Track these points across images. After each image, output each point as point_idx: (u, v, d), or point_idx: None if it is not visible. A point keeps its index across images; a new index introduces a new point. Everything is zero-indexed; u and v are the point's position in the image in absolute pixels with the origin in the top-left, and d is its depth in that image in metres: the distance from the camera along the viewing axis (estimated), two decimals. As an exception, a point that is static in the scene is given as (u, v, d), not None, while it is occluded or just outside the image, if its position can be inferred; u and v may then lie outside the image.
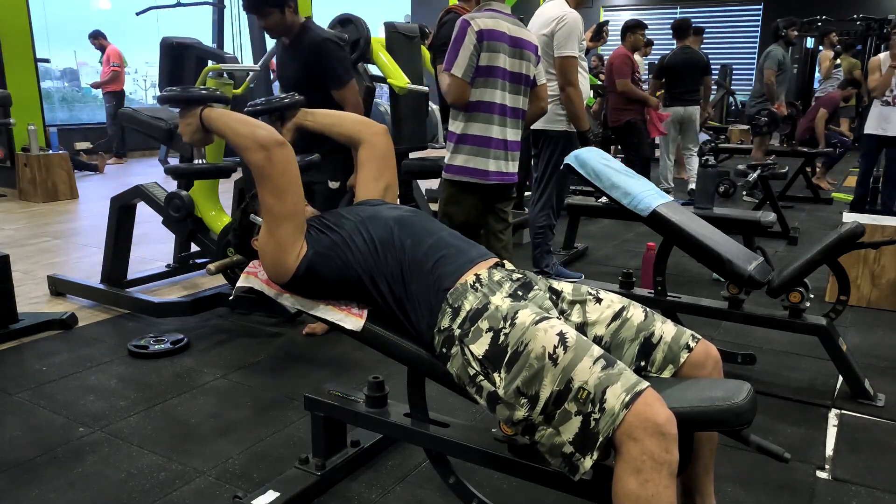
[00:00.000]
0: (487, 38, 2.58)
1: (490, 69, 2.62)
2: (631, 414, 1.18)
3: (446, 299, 1.45)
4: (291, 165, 1.56)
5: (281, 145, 1.54)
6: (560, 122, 3.54)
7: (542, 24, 3.47)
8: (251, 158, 1.53)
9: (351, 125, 1.93)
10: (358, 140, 1.90)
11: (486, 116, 2.67)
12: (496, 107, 2.68)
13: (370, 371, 2.57)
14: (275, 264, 1.57)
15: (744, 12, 14.03)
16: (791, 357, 2.86)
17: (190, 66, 3.35)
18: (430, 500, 1.88)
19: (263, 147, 1.52)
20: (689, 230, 2.50)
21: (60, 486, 1.94)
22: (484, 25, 2.58)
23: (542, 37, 3.44)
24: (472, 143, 2.69)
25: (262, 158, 1.52)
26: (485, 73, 2.62)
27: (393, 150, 1.92)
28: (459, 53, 2.57)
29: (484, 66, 2.61)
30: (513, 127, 2.76)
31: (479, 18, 2.59)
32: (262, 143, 1.52)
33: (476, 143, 2.69)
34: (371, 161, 1.88)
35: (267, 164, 1.52)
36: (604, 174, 2.65)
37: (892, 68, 4.92)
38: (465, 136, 2.70)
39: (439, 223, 1.69)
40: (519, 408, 1.30)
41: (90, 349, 2.94)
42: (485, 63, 2.60)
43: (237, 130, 1.58)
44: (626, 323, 1.50)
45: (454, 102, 2.66)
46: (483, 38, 2.57)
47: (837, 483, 1.96)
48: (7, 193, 6.75)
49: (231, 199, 3.79)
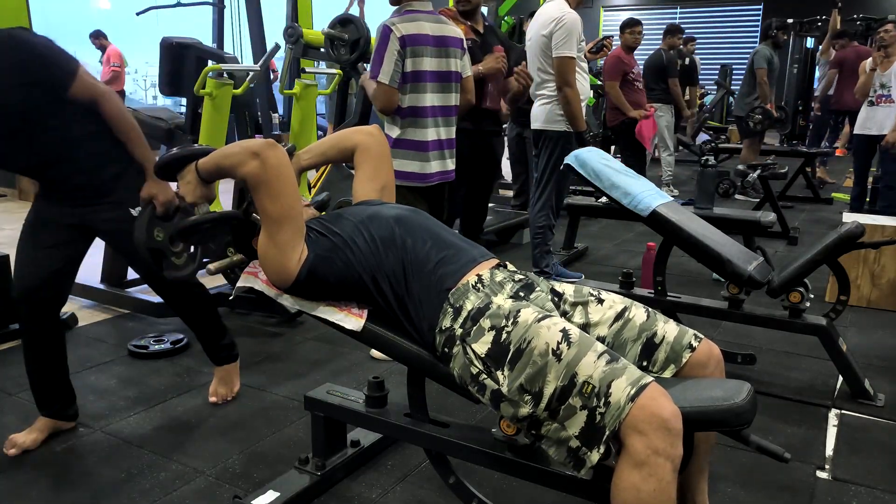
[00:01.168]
0: (410, 43, 2.56)
1: (416, 74, 2.60)
2: (636, 408, 1.18)
3: (448, 299, 1.45)
4: (285, 167, 1.55)
5: (272, 146, 1.53)
6: (559, 123, 3.54)
7: (542, 24, 3.48)
8: (246, 172, 1.51)
9: (347, 137, 1.90)
10: (354, 148, 1.88)
11: (419, 121, 2.67)
12: (427, 110, 2.67)
13: (370, 371, 2.57)
14: (277, 270, 1.56)
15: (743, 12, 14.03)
16: (791, 357, 2.86)
17: (190, 66, 3.35)
18: (430, 500, 1.88)
19: (255, 154, 1.50)
20: (689, 230, 2.50)
21: (61, 487, 1.94)
22: (406, 31, 2.55)
23: (541, 38, 3.46)
24: (410, 147, 2.68)
25: (257, 166, 1.50)
26: (412, 79, 2.60)
27: (388, 151, 1.91)
28: (384, 60, 2.55)
29: (410, 72, 2.59)
30: (446, 125, 2.76)
31: (400, 24, 2.55)
32: (253, 150, 1.51)
33: (414, 147, 2.68)
34: (365, 162, 1.87)
35: (261, 170, 1.50)
36: (604, 174, 2.65)
37: (872, 71, 5.12)
38: (401, 140, 2.68)
39: (439, 222, 1.68)
40: (523, 405, 1.30)
41: (90, 349, 2.94)
42: (410, 69, 2.59)
43: (226, 154, 1.57)
44: (628, 323, 1.49)
45: (383, 109, 2.65)
46: (406, 44, 2.55)
47: (837, 483, 1.96)
48: (7, 193, 6.76)
49: (231, 199, 3.79)
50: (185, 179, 1.65)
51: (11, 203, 6.48)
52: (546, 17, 3.48)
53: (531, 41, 3.60)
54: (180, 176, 1.66)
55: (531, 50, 3.59)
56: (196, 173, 1.62)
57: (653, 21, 12.25)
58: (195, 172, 1.62)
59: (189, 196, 1.65)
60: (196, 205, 1.69)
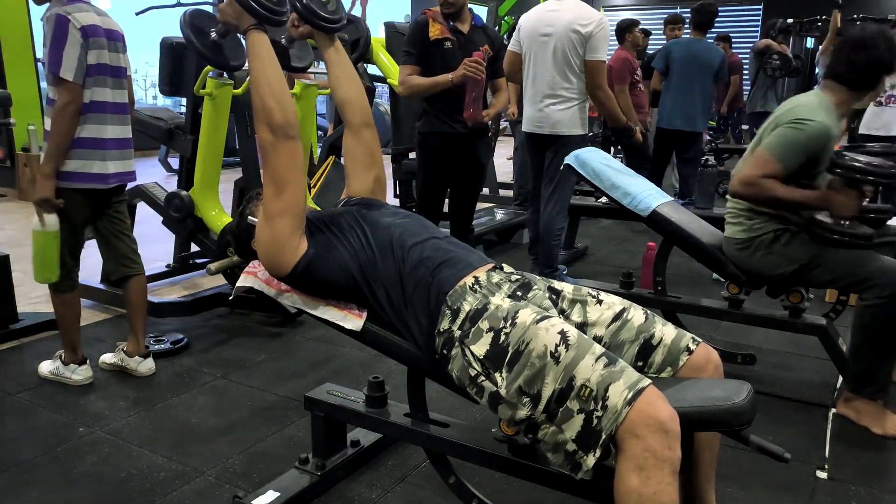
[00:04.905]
0: (92, 34, 2.37)
1: (99, 67, 2.42)
2: (634, 411, 1.18)
3: (445, 301, 1.45)
4: (296, 160, 1.54)
5: (290, 139, 1.52)
6: (582, 126, 3.39)
7: (578, 21, 3.21)
8: (259, 132, 1.52)
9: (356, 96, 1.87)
10: (351, 118, 1.86)
11: (99, 117, 2.46)
12: (108, 105, 2.49)
13: (370, 371, 2.57)
14: (269, 256, 1.55)
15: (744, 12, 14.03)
16: (791, 357, 2.86)
17: (190, 66, 3.35)
18: (430, 500, 1.88)
19: (273, 132, 1.50)
20: (690, 230, 2.50)
21: (60, 486, 1.94)
22: (85, 21, 2.36)
23: (576, 35, 3.19)
24: (87, 146, 2.44)
25: (269, 143, 1.51)
26: (95, 72, 2.41)
27: (378, 145, 1.92)
28: (65, 54, 2.31)
29: (94, 65, 2.40)
30: (122, 124, 2.56)
31: (75, 13, 2.34)
32: (273, 126, 1.50)
33: (92, 146, 2.45)
34: (363, 153, 1.87)
35: (271, 150, 1.51)
36: (604, 174, 2.65)
37: None
38: (77, 139, 2.42)
39: (436, 228, 1.68)
40: (521, 407, 1.30)
41: (90, 349, 2.93)
42: (94, 61, 2.39)
43: (263, 81, 1.51)
44: (626, 324, 1.49)
45: None
46: (87, 35, 2.36)
47: (837, 483, 1.96)
48: (7, 193, 6.75)
49: (231, 200, 3.79)
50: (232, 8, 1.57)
51: (11, 203, 6.48)
52: (583, 14, 3.23)
53: (554, 35, 3.25)
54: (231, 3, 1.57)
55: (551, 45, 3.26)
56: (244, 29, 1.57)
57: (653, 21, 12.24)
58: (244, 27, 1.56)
59: (220, 16, 1.62)
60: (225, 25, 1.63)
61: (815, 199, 2.19)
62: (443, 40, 2.99)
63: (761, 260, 2.32)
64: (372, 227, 1.61)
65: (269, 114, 1.50)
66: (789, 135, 2.19)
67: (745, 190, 2.26)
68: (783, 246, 2.27)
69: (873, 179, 2.09)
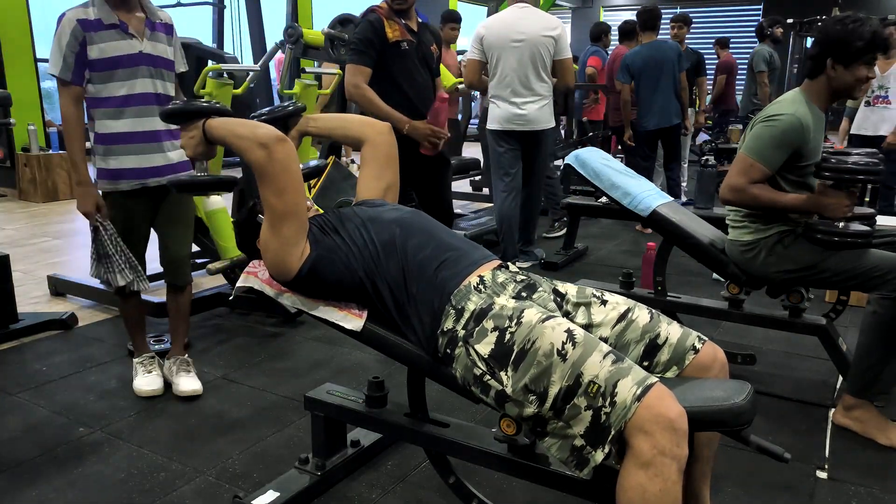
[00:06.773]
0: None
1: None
2: (643, 407, 1.18)
3: (450, 301, 1.45)
4: (293, 162, 1.55)
5: (281, 141, 1.53)
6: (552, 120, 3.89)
7: (545, 27, 3.70)
8: (252, 158, 1.52)
9: (357, 127, 1.91)
10: (362, 140, 1.89)
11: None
12: None
13: (370, 371, 2.57)
14: (277, 263, 1.56)
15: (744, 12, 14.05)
16: (791, 357, 2.86)
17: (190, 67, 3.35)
18: (430, 500, 1.88)
19: (263, 145, 1.51)
20: (690, 230, 2.50)
21: (60, 486, 1.94)
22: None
23: (546, 38, 3.68)
24: None
25: (263, 157, 1.51)
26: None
27: (396, 151, 1.91)
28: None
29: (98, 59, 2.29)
30: None
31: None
32: (261, 140, 1.52)
33: None
34: (373, 160, 1.87)
35: (268, 161, 1.51)
36: (604, 174, 2.65)
37: None
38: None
39: (440, 224, 1.68)
40: (528, 404, 1.30)
41: (90, 349, 2.94)
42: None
43: (237, 133, 1.57)
44: (631, 324, 1.49)
45: None
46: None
47: (837, 483, 1.96)
48: (7, 193, 6.76)
49: (231, 199, 3.78)
50: (189, 133, 1.64)
51: (11, 203, 6.48)
52: (549, 20, 3.75)
53: (527, 40, 3.68)
54: (185, 127, 1.65)
55: (525, 49, 3.69)
56: (202, 132, 1.62)
57: (653, 21, 12.25)
58: (202, 131, 1.62)
59: (189, 151, 1.65)
60: (195, 160, 1.68)
61: (805, 202, 2.19)
62: (401, 41, 2.90)
63: (766, 262, 2.31)
64: (375, 223, 1.61)
65: (252, 137, 1.53)
66: (763, 132, 2.21)
67: (734, 196, 2.26)
68: (787, 248, 2.27)
69: (862, 178, 2.09)
